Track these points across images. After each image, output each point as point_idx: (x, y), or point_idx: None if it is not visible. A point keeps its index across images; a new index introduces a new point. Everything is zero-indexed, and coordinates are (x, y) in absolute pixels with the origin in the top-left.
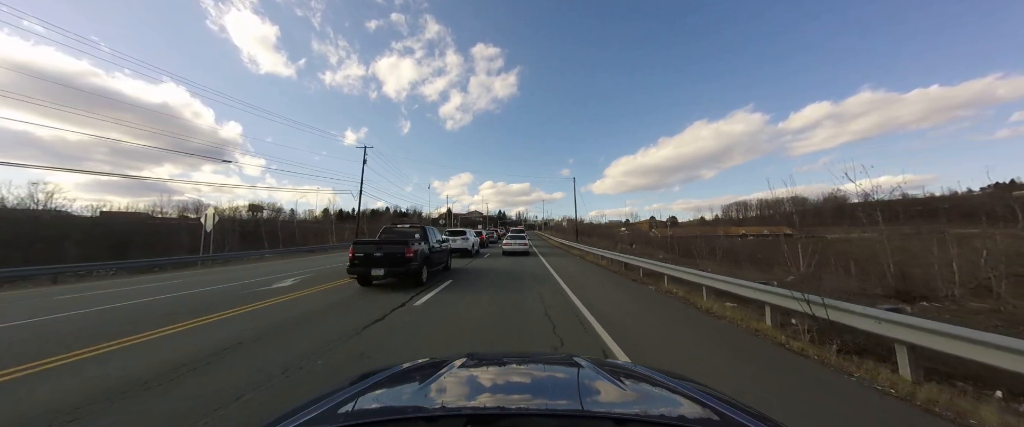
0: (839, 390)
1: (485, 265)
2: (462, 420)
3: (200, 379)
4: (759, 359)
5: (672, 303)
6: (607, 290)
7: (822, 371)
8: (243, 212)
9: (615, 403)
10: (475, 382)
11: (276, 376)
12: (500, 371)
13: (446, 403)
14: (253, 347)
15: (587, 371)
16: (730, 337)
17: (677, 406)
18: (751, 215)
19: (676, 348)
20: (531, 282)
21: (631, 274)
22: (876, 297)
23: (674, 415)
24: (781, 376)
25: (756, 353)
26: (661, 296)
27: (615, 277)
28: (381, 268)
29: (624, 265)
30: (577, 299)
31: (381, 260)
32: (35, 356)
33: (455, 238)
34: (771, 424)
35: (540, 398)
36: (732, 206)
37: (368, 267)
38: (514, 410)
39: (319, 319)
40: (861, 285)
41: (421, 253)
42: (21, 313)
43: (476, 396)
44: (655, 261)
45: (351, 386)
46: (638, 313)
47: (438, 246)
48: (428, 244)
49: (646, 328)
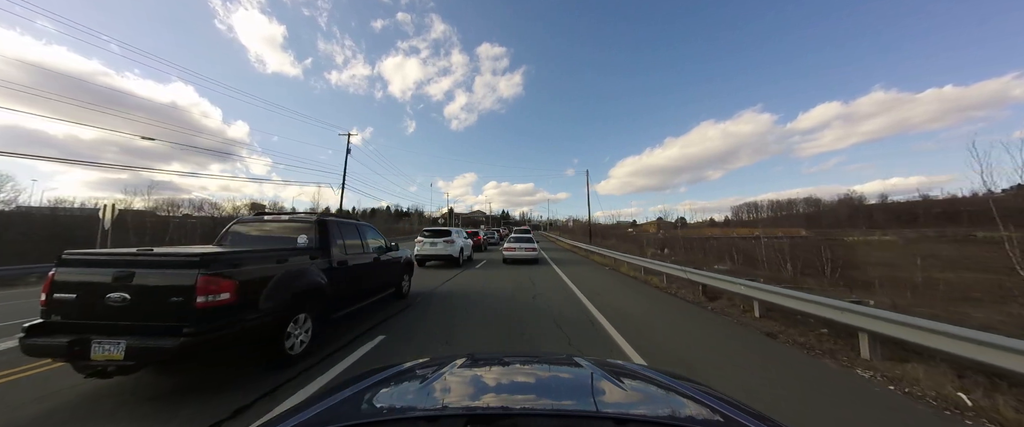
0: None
1: (474, 282)
2: (462, 420)
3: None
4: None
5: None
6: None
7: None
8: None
9: (616, 403)
10: (476, 382)
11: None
12: (501, 371)
13: (447, 403)
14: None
15: (588, 371)
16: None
17: (678, 406)
18: (762, 216)
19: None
20: (553, 337)
21: (733, 306)
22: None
23: (675, 415)
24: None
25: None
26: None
27: (723, 322)
28: (112, 341)
29: (701, 288)
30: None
31: (117, 314)
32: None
33: (434, 241)
34: (771, 424)
35: (541, 398)
36: (742, 207)
37: (86, 340)
38: (515, 410)
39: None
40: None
41: (275, 284)
42: None
43: (477, 396)
44: (768, 285)
45: (352, 385)
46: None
47: (367, 260)
48: (321, 260)
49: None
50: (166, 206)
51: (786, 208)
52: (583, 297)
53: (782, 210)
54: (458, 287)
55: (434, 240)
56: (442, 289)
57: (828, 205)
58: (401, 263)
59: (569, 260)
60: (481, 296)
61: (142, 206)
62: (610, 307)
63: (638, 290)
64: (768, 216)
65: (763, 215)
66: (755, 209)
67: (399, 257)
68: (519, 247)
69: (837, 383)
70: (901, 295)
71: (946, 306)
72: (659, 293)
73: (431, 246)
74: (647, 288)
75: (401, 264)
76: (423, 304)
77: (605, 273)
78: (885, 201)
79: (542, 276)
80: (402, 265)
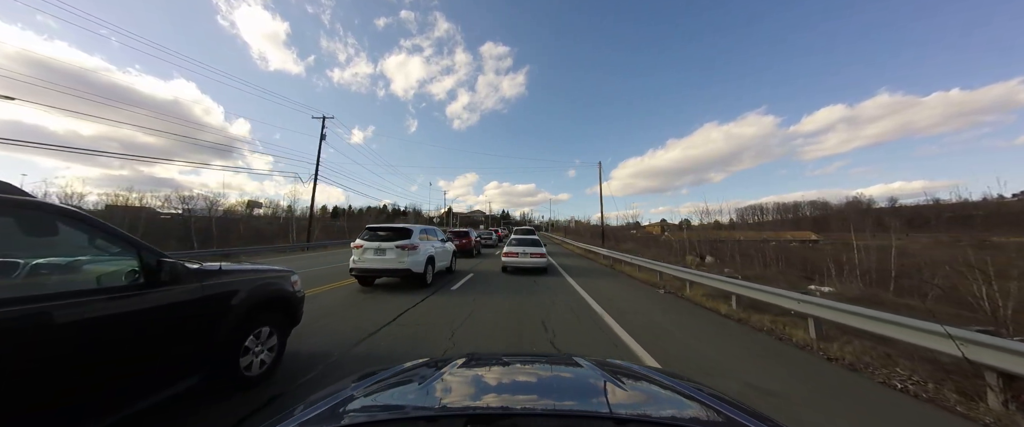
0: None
1: (433, 327)
2: (462, 420)
3: None
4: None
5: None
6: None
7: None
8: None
9: (616, 403)
10: (476, 382)
11: None
12: (501, 371)
13: (447, 403)
14: None
15: (588, 371)
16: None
17: (678, 406)
18: (767, 219)
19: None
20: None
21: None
22: None
23: (676, 415)
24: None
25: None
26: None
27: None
28: None
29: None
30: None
31: None
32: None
33: (381, 247)
34: (771, 424)
35: (541, 398)
36: (747, 209)
37: None
38: (515, 410)
39: None
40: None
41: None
42: None
43: (477, 396)
44: None
45: (352, 386)
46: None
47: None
48: None
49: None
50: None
51: (792, 211)
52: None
53: (788, 213)
54: (398, 344)
55: (381, 245)
56: (359, 350)
57: (836, 208)
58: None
59: (587, 270)
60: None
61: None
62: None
63: (746, 340)
64: (774, 219)
65: (768, 218)
66: (760, 212)
67: (217, 289)
68: (522, 252)
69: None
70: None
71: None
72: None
73: (375, 255)
74: (752, 333)
75: (229, 306)
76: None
77: (657, 298)
78: (895, 205)
79: (562, 309)
80: (238, 307)
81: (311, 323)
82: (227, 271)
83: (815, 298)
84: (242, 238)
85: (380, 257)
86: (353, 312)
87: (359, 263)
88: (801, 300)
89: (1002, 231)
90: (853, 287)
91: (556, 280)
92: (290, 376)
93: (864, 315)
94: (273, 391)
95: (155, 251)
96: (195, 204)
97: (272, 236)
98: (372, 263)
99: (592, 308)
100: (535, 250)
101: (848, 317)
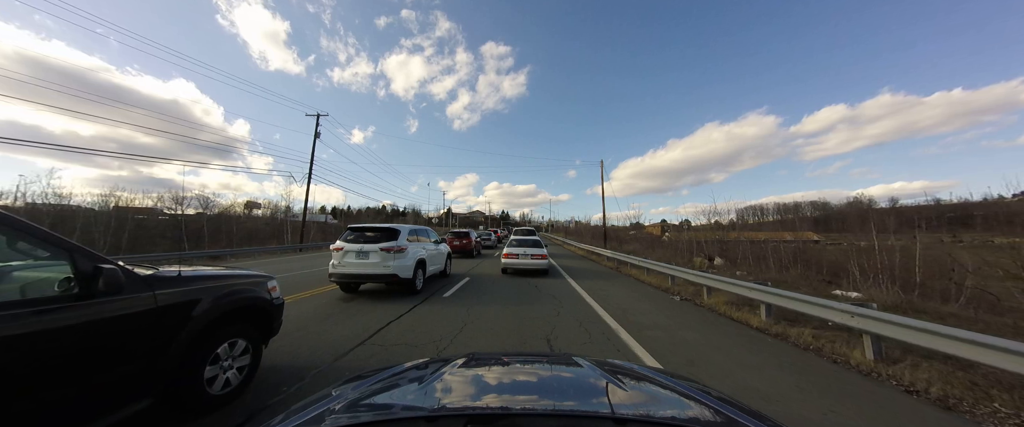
0: None
1: (422, 342)
2: (463, 420)
3: None
4: None
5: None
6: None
7: None
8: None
9: (617, 403)
10: (476, 382)
11: None
12: (501, 371)
13: (447, 403)
14: None
15: (589, 371)
16: None
17: (677, 406)
18: (768, 219)
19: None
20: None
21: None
22: None
23: (676, 415)
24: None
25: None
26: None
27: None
28: None
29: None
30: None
31: None
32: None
33: (363, 250)
34: (770, 424)
35: (541, 398)
36: (747, 210)
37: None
38: (515, 410)
39: None
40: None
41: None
42: None
43: (477, 396)
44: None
45: (353, 385)
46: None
47: None
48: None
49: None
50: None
51: (792, 211)
52: None
53: (788, 213)
54: (382, 363)
55: (364, 247)
56: (318, 379)
57: (836, 208)
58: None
59: (591, 273)
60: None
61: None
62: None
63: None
64: (774, 219)
65: (769, 218)
66: (760, 212)
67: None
68: (523, 253)
69: None
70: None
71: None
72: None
73: (358, 259)
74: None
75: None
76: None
77: (674, 307)
78: (896, 205)
79: (569, 321)
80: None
81: (273, 340)
82: (186, 278)
83: (873, 310)
84: (235, 239)
85: (363, 261)
86: (328, 325)
87: (339, 268)
88: (856, 314)
89: (1005, 231)
90: (890, 294)
91: (559, 284)
92: (227, 413)
93: (943, 335)
94: (240, 416)
95: (93, 255)
96: (189, 204)
97: (267, 237)
98: (353, 268)
99: (604, 321)
100: (536, 251)
101: (919, 336)
